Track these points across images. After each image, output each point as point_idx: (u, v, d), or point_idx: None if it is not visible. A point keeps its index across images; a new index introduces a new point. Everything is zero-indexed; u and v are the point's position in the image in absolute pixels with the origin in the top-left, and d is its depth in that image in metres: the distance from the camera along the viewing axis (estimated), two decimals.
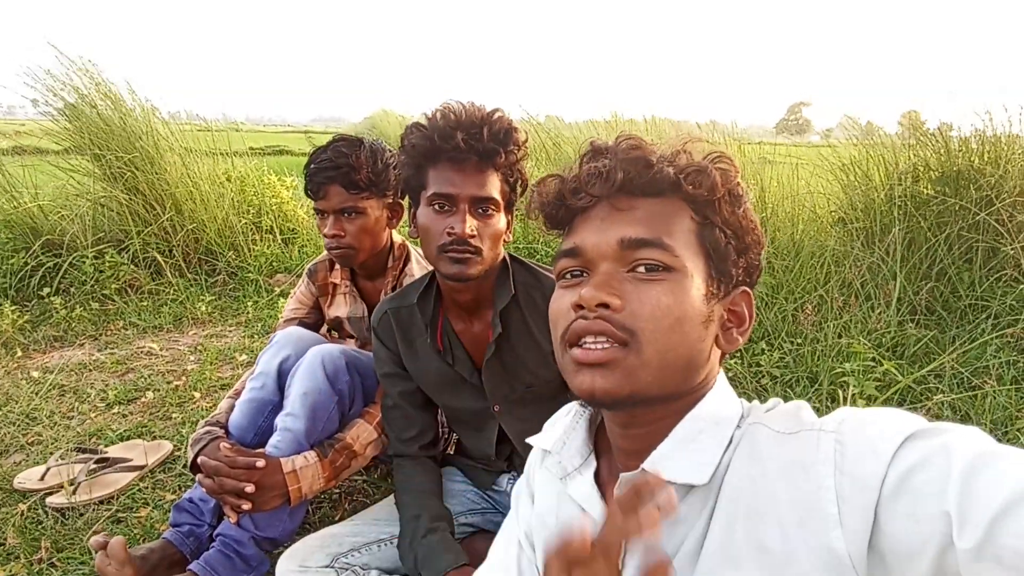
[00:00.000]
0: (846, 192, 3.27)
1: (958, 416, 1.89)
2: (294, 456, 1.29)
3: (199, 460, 1.27)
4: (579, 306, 0.57)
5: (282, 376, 1.42)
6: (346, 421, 1.42)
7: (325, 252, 1.59)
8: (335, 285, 1.66)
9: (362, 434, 1.38)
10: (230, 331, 3.01)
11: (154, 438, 1.97)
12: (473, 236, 1.08)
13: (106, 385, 2.35)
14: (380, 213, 1.52)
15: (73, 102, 3.58)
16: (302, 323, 1.68)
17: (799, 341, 2.29)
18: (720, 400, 0.61)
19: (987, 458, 0.42)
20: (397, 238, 1.63)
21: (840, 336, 2.32)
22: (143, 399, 2.24)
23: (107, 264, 3.26)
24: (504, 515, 1.42)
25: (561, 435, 0.69)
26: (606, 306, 0.56)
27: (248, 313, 3.15)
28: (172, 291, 3.32)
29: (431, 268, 1.61)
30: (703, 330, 0.58)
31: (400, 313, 1.27)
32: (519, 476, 1.39)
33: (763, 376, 2.11)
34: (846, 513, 0.46)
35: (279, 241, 3.93)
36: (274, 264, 3.69)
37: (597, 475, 0.67)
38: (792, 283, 2.68)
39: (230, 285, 3.51)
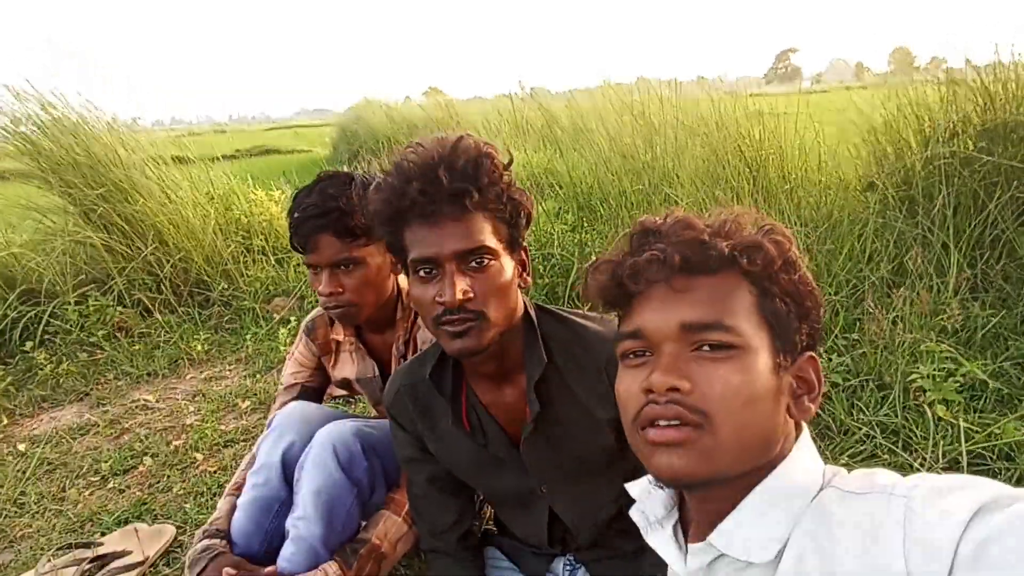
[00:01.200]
0: (875, 156, 3.01)
1: None
2: (311, 573, 1.09)
3: None
4: (649, 390, 0.58)
5: (287, 467, 1.21)
6: (368, 512, 1.22)
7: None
8: (338, 343, 1.44)
9: (390, 530, 1.18)
10: (230, 370, 2.80)
11: (155, 518, 1.77)
12: (469, 299, 0.87)
13: (99, 453, 2.15)
14: (382, 259, 1.29)
15: (31, 134, 3.32)
16: (305, 388, 1.46)
17: (854, 337, 2.07)
18: (796, 469, 0.60)
19: None
20: (404, 284, 1.40)
21: (895, 323, 2.09)
22: (140, 467, 2.04)
23: (91, 308, 3.04)
24: None
25: (647, 485, 0.70)
26: (676, 389, 0.56)
27: (248, 348, 2.94)
28: (165, 331, 3.10)
29: None
30: (774, 403, 0.59)
31: (416, 390, 1.06)
32: (577, 561, 1.20)
33: (824, 381, 1.89)
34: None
35: (272, 262, 3.70)
36: (270, 288, 3.47)
37: (683, 523, 0.69)
38: (834, 266, 2.44)
39: (226, 316, 3.29)
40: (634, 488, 0.72)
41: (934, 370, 1.69)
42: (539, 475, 1.05)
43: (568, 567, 1.19)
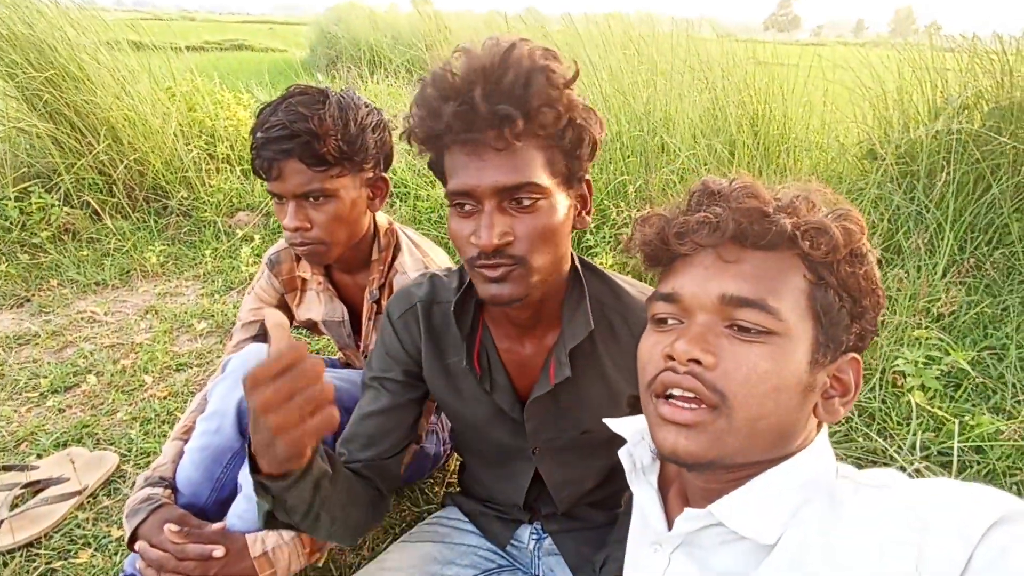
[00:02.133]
0: (881, 123, 2.89)
1: None
2: (264, 533, 1.01)
3: (138, 546, 0.98)
4: (670, 357, 0.55)
5: (242, 415, 1.10)
6: None
7: None
8: (304, 280, 1.31)
9: None
10: (187, 286, 2.63)
11: (97, 443, 1.66)
12: (508, 243, 0.75)
13: (39, 367, 2.00)
14: (357, 193, 1.14)
15: None
16: (265, 327, 1.33)
17: None
18: (812, 463, 0.57)
19: None
20: (383, 220, 1.27)
21: None
22: (83, 386, 1.90)
23: (34, 206, 2.79)
24: (523, 572, 1.18)
25: (643, 429, 0.68)
26: (698, 362, 0.54)
27: (207, 264, 2.76)
28: (116, 238, 2.88)
29: (428, 261, 1.28)
30: (801, 399, 0.55)
31: (433, 311, 0.95)
32: (544, 529, 1.15)
33: None
34: None
35: (238, 173, 3.44)
36: (234, 201, 3.24)
37: (662, 476, 0.68)
38: None
39: (184, 227, 3.07)
40: (626, 429, 0.70)
41: (919, 356, 1.66)
42: (535, 437, 0.97)
43: (535, 536, 1.14)
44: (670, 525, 0.64)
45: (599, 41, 3.42)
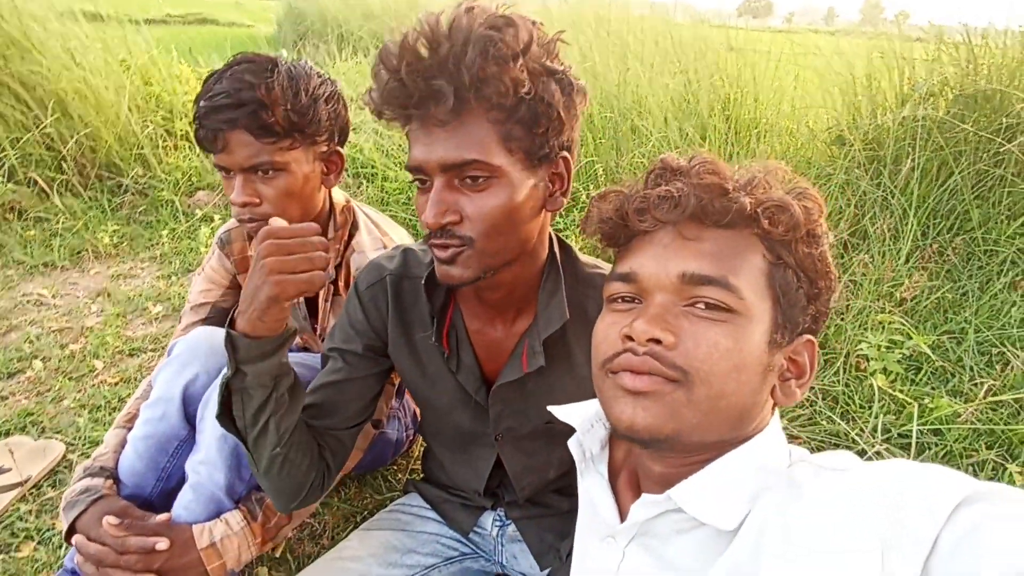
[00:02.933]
0: (850, 109, 2.91)
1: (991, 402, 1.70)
2: (212, 523, 0.96)
3: (75, 540, 0.92)
4: (629, 337, 0.54)
5: (189, 402, 1.05)
6: None
7: None
8: None
9: None
10: (142, 268, 2.53)
11: (41, 432, 1.58)
12: (453, 222, 0.72)
13: None
14: (310, 168, 1.09)
15: None
16: (216, 308, 1.28)
17: None
18: (768, 447, 0.56)
19: None
20: (339, 197, 1.21)
21: (847, 286, 2.08)
22: (28, 372, 1.81)
23: None
24: (485, 560, 1.17)
25: (591, 417, 0.67)
26: (658, 342, 0.52)
27: (163, 245, 2.65)
28: (66, 217, 2.74)
29: (387, 240, 1.23)
30: (760, 380, 0.54)
31: (403, 286, 0.92)
32: (507, 515, 1.13)
33: None
34: (890, 560, 0.43)
35: (198, 151, 3.30)
36: (193, 179, 3.11)
37: (610, 465, 0.67)
38: None
39: (140, 207, 2.94)
40: (575, 417, 0.68)
41: (882, 341, 1.68)
42: (499, 424, 0.94)
43: (498, 523, 1.11)
44: (622, 517, 0.62)
45: (570, 21, 3.37)
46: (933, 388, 1.70)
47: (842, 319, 1.89)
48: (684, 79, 3.04)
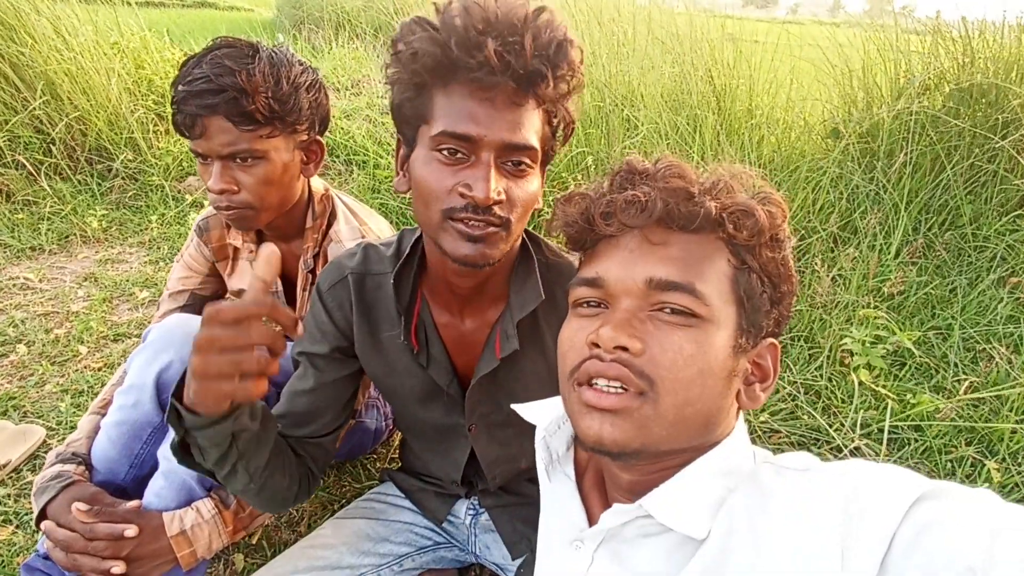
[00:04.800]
0: (845, 102, 2.89)
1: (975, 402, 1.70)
2: (183, 511, 0.96)
3: (44, 526, 0.92)
4: (595, 344, 0.53)
5: (162, 389, 1.04)
6: None
7: None
8: (236, 249, 1.24)
9: None
10: (130, 253, 2.52)
11: (24, 416, 1.58)
12: (500, 202, 0.71)
13: None
14: (290, 156, 1.08)
15: None
16: (195, 297, 1.27)
17: None
18: (734, 452, 0.56)
19: (1006, 518, 0.41)
20: (318, 186, 1.20)
21: (835, 281, 2.07)
22: (12, 356, 1.81)
23: None
24: (459, 549, 1.17)
25: (557, 418, 0.67)
26: (625, 349, 0.52)
27: (152, 230, 2.64)
28: (54, 201, 2.73)
29: (366, 229, 1.22)
30: (726, 385, 0.54)
31: (366, 283, 0.90)
32: (481, 504, 1.13)
33: None
34: (849, 559, 0.44)
35: None
36: (183, 165, 3.09)
37: (575, 465, 0.67)
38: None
39: (129, 191, 2.93)
40: (541, 417, 0.68)
41: (866, 335, 1.68)
42: (473, 415, 0.94)
43: (471, 511, 1.12)
44: (590, 519, 0.62)
45: (563, 10, 3.33)
46: (916, 384, 1.71)
47: (828, 314, 1.88)
48: (679, 69, 3.01)
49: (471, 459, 1.02)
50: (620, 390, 0.52)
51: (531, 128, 0.71)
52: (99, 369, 1.78)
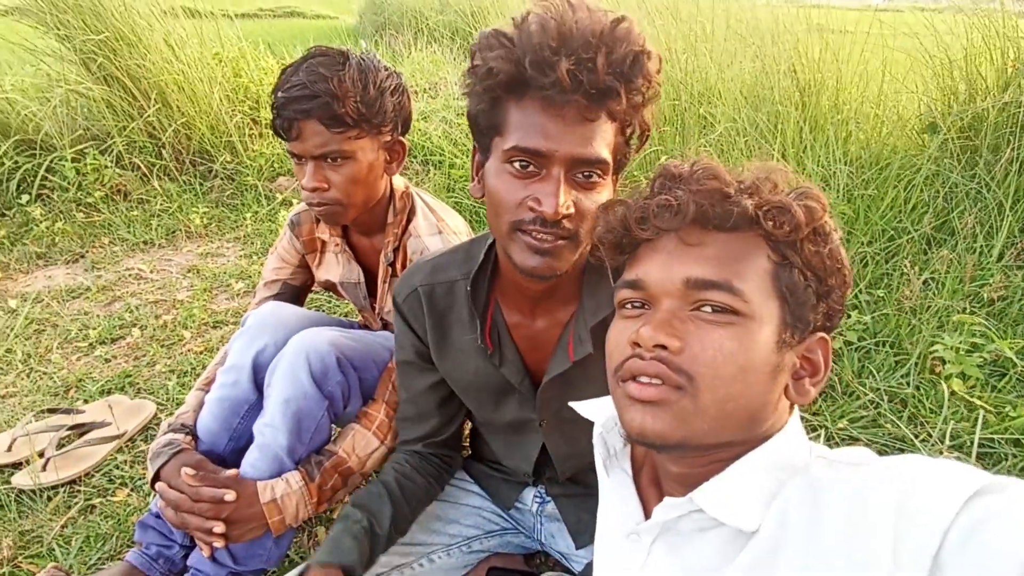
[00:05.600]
0: (944, 94, 2.70)
1: None
2: (274, 481, 1.05)
3: (157, 487, 1.04)
4: (636, 344, 0.55)
5: (258, 370, 1.15)
6: (342, 424, 1.17)
7: None
8: (324, 242, 1.33)
9: (359, 444, 1.12)
10: (227, 248, 2.73)
11: (137, 392, 1.76)
12: (569, 215, 0.73)
13: (89, 319, 2.13)
14: (375, 156, 1.15)
15: None
16: (287, 285, 1.38)
17: (880, 294, 1.93)
18: (786, 446, 0.57)
19: None
20: (399, 184, 1.27)
21: (927, 284, 1.95)
22: (128, 338, 2.01)
23: (89, 167, 2.92)
24: (525, 535, 1.21)
25: (614, 415, 0.66)
26: (664, 347, 0.53)
27: (247, 226, 2.85)
28: (163, 200, 2.99)
29: (443, 225, 1.28)
30: (770, 380, 0.54)
31: (435, 292, 0.96)
32: (548, 492, 1.16)
33: (835, 338, 1.79)
34: (901, 553, 0.43)
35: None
36: (275, 166, 3.31)
37: (632, 463, 0.68)
38: (873, 213, 2.25)
39: (227, 191, 3.17)
40: (597, 414, 0.70)
41: (960, 342, 1.57)
42: (544, 411, 0.98)
43: (538, 499, 1.15)
44: (646, 514, 0.64)
45: (640, 6, 3.30)
46: (1018, 396, 1.58)
47: (918, 318, 1.78)
48: (760, 64, 2.91)
49: (542, 452, 1.06)
50: (660, 384, 0.54)
51: (602, 141, 0.72)
52: (200, 352, 1.95)
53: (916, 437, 1.45)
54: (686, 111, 2.69)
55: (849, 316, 1.82)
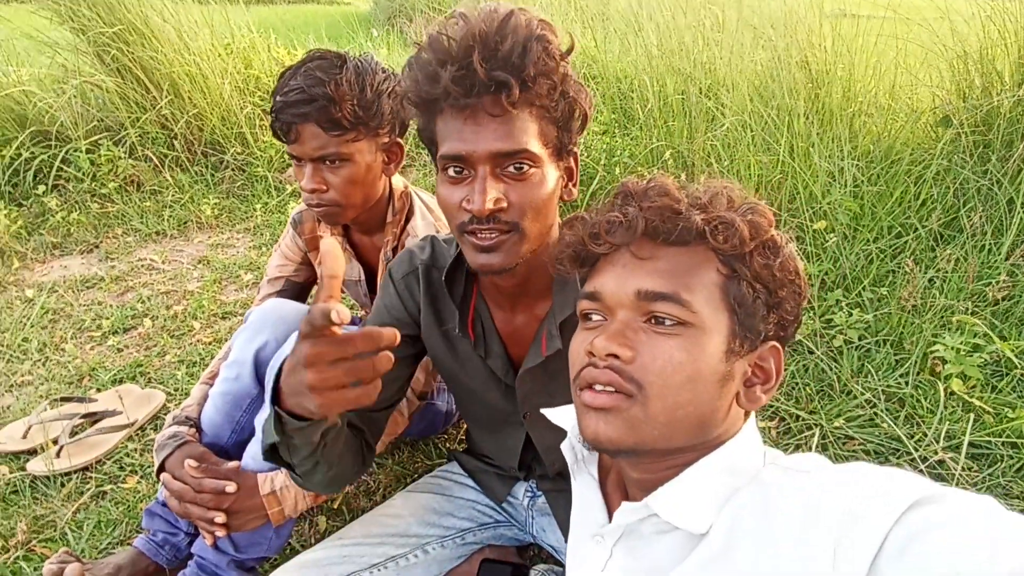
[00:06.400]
0: (959, 87, 2.65)
1: None
2: (274, 473, 1.08)
3: (162, 477, 1.08)
4: (591, 353, 0.57)
5: (259, 365, 1.18)
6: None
7: None
8: None
9: None
10: (237, 239, 2.77)
11: (148, 382, 1.81)
12: (502, 209, 0.76)
13: (102, 309, 2.18)
14: (373, 158, 1.17)
15: None
16: (290, 282, 1.41)
17: (883, 292, 1.92)
18: (740, 452, 0.59)
19: (1002, 525, 0.42)
20: (398, 184, 1.29)
21: (931, 283, 1.94)
22: (140, 328, 2.07)
23: (103, 158, 2.97)
24: (518, 529, 1.24)
25: None
26: (616, 357, 0.56)
27: (257, 218, 2.89)
28: (175, 191, 3.04)
29: (440, 224, 1.30)
30: (719, 388, 0.57)
31: (432, 275, 0.98)
32: (538, 487, 1.19)
33: (835, 336, 1.79)
34: (840, 558, 0.45)
35: None
36: (285, 158, 3.33)
37: (600, 467, 0.71)
38: (880, 210, 2.23)
39: (238, 182, 3.21)
40: (566, 420, 0.72)
41: (961, 342, 1.57)
42: (526, 404, 1.00)
43: (529, 494, 1.18)
44: (610, 516, 0.66)
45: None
46: (1018, 397, 1.58)
47: (919, 317, 1.77)
48: (771, 55, 2.88)
49: (529, 446, 1.08)
50: (611, 390, 0.56)
51: (520, 132, 0.74)
52: (209, 343, 1.99)
53: (911, 437, 1.46)
54: (694, 104, 2.67)
55: (851, 314, 1.81)
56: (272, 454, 0.79)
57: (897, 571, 0.42)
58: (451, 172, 0.77)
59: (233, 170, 3.25)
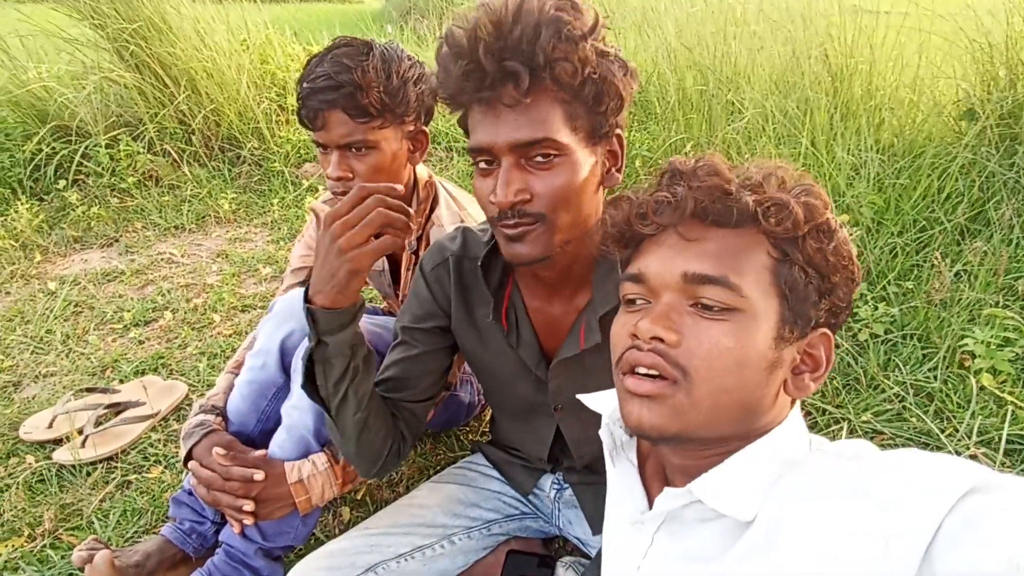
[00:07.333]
0: (984, 79, 2.60)
1: None
2: (301, 462, 1.08)
3: (190, 465, 1.08)
4: (635, 336, 0.56)
5: (285, 354, 1.18)
6: None
7: None
8: None
9: None
10: (255, 233, 2.78)
11: (170, 373, 1.82)
12: (525, 200, 0.75)
13: (123, 302, 2.20)
14: (398, 146, 1.17)
15: None
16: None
17: (909, 286, 1.89)
18: (785, 440, 0.57)
19: None
20: (423, 173, 1.28)
21: (959, 277, 1.91)
22: (161, 321, 2.08)
23: (122, 153, 3.00)
24: (544, 521, 1.23)
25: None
26: (661, 340, 0.54)
27: (274, 212, 2.90)
28: (193, 185, 3.06)
29: (465, 214, 1.29)
30: (766, 376, 0.55)
31: (462, 266, 0.97)
32: (565, 479, 1.18)
33: (861, 330, 1.76)
34: (892, 547, 0.44)
35: None
36: (301, 152, 3.35)
37: (638, 453, 0.70)
38: (904, 203, 2.20)
39: (255, 177, 3.22)
40: (604, 406, 0.71)
41: (991, 336, 1.54)
42: (558, 396, 0.99)
43: (556, 486, 1.17)
44: (650, 503, 0.65)
45: None
46: None
47: (948, 311, 1.74)
48: (791, 48, 2.85)
49: (558, 438, 1.07)
50: (656, 378, 0.55)
51: (540, 121, 0.73)
52: (229, 336, 2.00)
53: (942, 432, 1.43)
54: (713, 97, 2.65)
55: (876, 308, 1.79)
56: (309, 386, 0.89)
57: (951, 560, 0.41)
58: (482, 164, 0.78)
59: (250, 165, 3.26)
